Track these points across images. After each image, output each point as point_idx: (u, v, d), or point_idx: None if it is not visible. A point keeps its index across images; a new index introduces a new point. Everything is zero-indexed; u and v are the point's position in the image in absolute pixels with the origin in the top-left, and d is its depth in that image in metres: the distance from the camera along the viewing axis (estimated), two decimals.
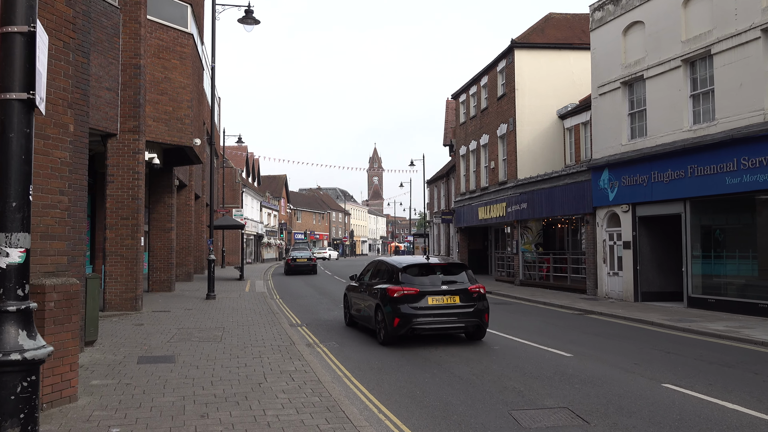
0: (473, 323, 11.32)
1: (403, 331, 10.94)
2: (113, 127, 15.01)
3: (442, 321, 11.10)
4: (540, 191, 23.46)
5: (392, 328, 10.94)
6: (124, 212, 15.30)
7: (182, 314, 14.74)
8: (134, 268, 15.26)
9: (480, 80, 30.56)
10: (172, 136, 16.79)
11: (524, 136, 25.74)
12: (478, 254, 33.73)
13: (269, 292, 23.16)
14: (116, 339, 10.85)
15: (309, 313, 16.45)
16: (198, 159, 19.88)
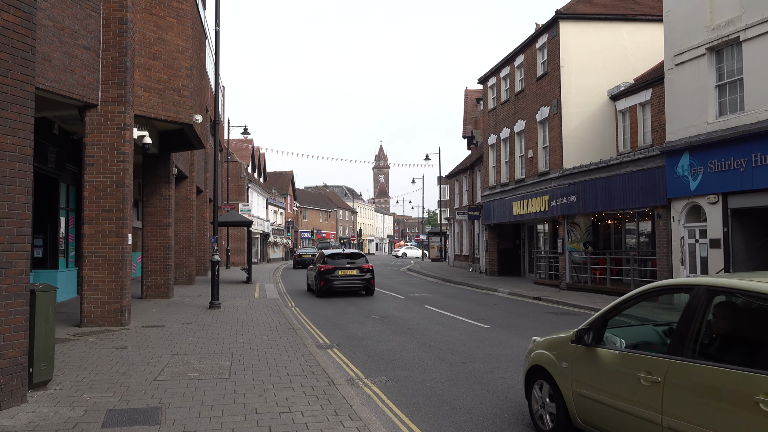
0: (364, 285, 20.92)
1: (325, 288, 20.54)
2: (93, 95, 11.97)
3: (347, 284, 20.65)
4: (593, 182, 20.32)
5: (320, 287, 20.65)
6: (107, 203, 12.24)
7: (179, 331, 11.66)
8: (119, 272, 12.20)
9: (514, 60, 27.42)
10: (167, 111, 13.72)
11: (570, 119, 22.60)
12: (508, 254, 30.60)
13: (282, 298, 20.09)
14: (83, 375, 7.77)
15: (335, 327, 13.37)
16: (200, 142, 16.82)
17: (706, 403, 4.07)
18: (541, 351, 5.98)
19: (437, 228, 59.79)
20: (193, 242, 24.75)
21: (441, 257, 53.99)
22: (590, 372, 5.25)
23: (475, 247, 35.46)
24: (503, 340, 11.26)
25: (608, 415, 4.98)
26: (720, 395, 3.98)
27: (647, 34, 22.96)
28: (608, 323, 5.39)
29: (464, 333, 12.21)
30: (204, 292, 19.93)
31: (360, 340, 11.58)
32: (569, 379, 5.46)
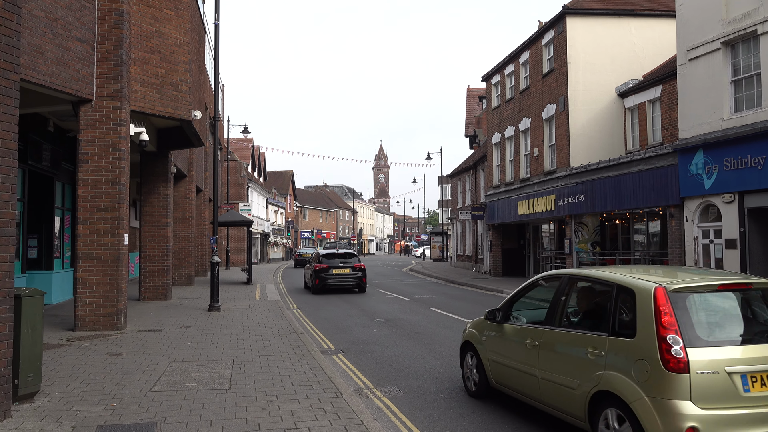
0: (357, 283, 22.13)
1: (320, 286, 21.82)
2: (87, 90, 11.49)
3: (341, 282, 22.00)
4: (602, 180, 19.84)
5: (315, 285, 21.92)
6: (102, 202, 11.76)
7: (177, 335, 11.18)
8: (115, 274, 11.72)
9: (519, 57, 26.93)
10: (165, 106, 13.23)
11: (578, 117, 22.12)
12: (512, 254, 30.10)
13: (284, 299, 19.60)
14: (74, 385, 7.29)
15: (340, 331, 12.88)
16: (199, 140, 16.33)
17: (561, 356, 5.73)
18: (470, 329, 7.59)
19: (438, 228, 59.30)
20: (192, 242, 24.28)
21: (443, 257, 53.52)
22: (499, 343, 6.85)
23: (479, 247, 34.98)
24: None
25: (510, 375, 6.58)
26: (569, 351, 5.63)
27: (656, 30, 22.48)
28: (513, 306, 6.88)
29: None
30: (203, 294, 19.44)
31: (366, 345, 11.10)
32: (486, 350, 7.08)
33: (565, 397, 5.56)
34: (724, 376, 4.57)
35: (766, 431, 4.52)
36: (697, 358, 4.59)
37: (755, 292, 5.24)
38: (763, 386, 4.59)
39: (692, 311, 4.88)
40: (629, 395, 4.79)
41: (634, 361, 4.85)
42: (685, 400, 4.52)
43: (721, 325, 5.01)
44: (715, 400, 4.54)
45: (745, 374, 4.60)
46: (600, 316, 5.50)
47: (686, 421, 4.47)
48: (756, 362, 4.64)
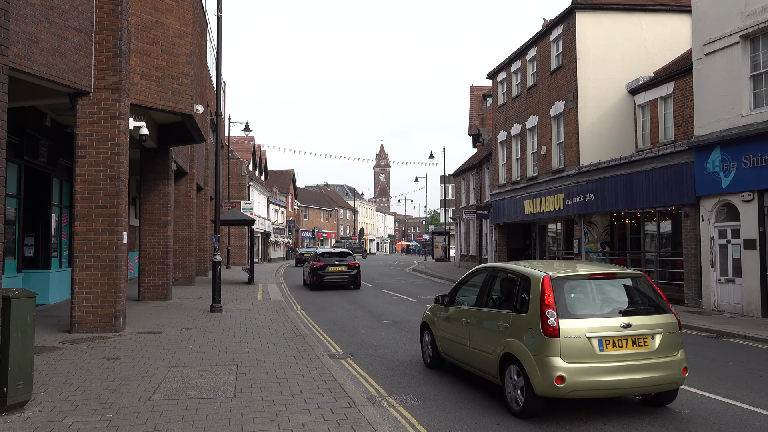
0: (352, 280, 23.38)
1: (318, 283, 22.88)
2: (84, 82, 11.02)
3: (337, 278, 23.16)
4: (613, 179, 19.37)
5: (312, 282, 23.08)
6: (100, 198, 11.29)
7: (178, 338, 10.71)
8: (114, 273, 11.25)
9: (526, 53, 26.46)
10: (165, 100, 12.75)
11: (587, 114, 21.65)
12: (518, 254, 29.61)
13: (286, 299, 19.13)
14: (68, 393, 6.82)
15: (346, 333, 12.42)
16: (201, 136, 15.86)
17: (484, 330, 7.33)
18: (427, 313, 9.31)
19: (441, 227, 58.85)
20: (193, 241, 23.82)
21: (445, 257, 53.03)
22: (445, 322, 8.49)
23: (483, 247, 34.51)
24: None
25: (452, 347, 8.22)
26: (489, 326, 7.22)
27: (667, 25, 22.02)
28: (458, 292, 8.56)
29: None
30: (204, 294, 18.98)
31: (375, 348, 10.63)
32: (437, 329, 8.74)
33: (486, 360, 7.18)
34: (585, 339, 6.20)
35: (613, 378, 6.16)
36: (566, 327, 6.21)
37: (618, 280, 6.92)
38: (613, 347, 6.27)
39: (567, 293, 6.49)
40: (521, 355, 6.44)
41: (526, 330, 6.49)
42: (557, 356, 6.15)
43: (587, 303, 6.62)
44: (578, 357, 6.17)
45: (601, 338, 6.24)
46: (509, 298, 7.13)
47: (556, 371, 6.10)
48: (609, 330, 6.29)
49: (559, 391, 6.09)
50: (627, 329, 6.28)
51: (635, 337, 6.31)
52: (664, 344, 6.38)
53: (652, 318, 6.49)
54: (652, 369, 6.27)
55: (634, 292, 6.85)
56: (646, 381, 6.25)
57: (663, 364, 6.32)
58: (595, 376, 6.12)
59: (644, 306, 6.71)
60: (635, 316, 6.46)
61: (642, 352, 6.29)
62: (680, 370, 6.40)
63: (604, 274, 6.83)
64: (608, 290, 6.79)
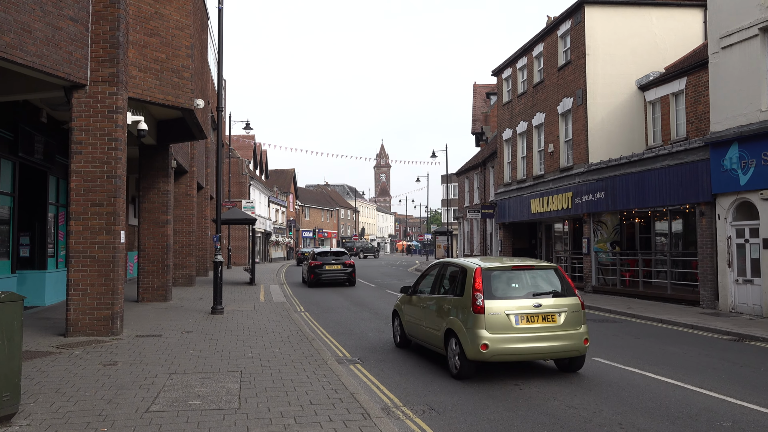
0: (347, 278, 24.74)
1: (315, 280, 24.43)
2: (80, 74, 10.55)
3: (333, 276, 24.54)
4: (624, 177, 18.88)
5: (310, 279, 24.62)
6: (97, 196, 10.81)
7: (178, 342, 10.23)
8: (111, 274, 10.77)
9: (532, 49, 25.97)
10: (165, 94, 12.27)
11: (596, 111, 21.16)
12: (523, 254, 29.10)
13: (289, 300, 18.65)
14: (60, 403, 6.34)
15: (353, 336, 11.93)
16: (201, 132, 15.38)
17: (434, 312, 9.01)
18: (397, 302, 10.91)
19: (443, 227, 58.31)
20: (193, 241, 23.35)
21: (447, 257, 52.50)
22: (409, 308, 10.12)
23: (488, 247, 34.03)
24: None
25: (414, 328, 9.86)
26: (438, 308, 8.92)
27: (678, 20, 21.54)
28: (420, 283, 10.09)
29: None
30: (205, 295, 18.50)
31: (385, 353, 10.15)
32: (403, 314, 10.36)
33: (435, 336, 8.86)
34: (504, 316, 7.82)
35: (526, 345, 7.76)
36: (490, 306, 7.87)
37: (534, 271, 8.56)
38: (527, 322, 7.88)
39: (492, 281, 8.14)
40: (458, 329, 8.08)
41: (462, 310, 8.13)
42: (483, 329, 7.79)
43: (508, 288, 8.23)
44: (499, 329, 7.80)
45: (517, 315, 7.85)
46: (452, 286, 8.80)
47: (482, 340, 7.73)
48: (523, 309, 7.93)
49: (484, 355, 7.75)
50: (538, 308, 7.95)
51: (544, 314, 7.96)
52: (569, 320, 8.03)
53: (559, 300, 8.13)
54: (558, 339, 7.90)
55: (546, 279, 8.51)
56: (553, 348, 7.91)
57: (567, 335, 7.95)
58: (511, 344, 7.79)
59: (553, 290, 8.28)
60: (545, 298, 8.11)
61: (550, 326, 7.94)
62: (582, 341, 8.05)
63: (524, 266, 8.55)
64: (526, 278, 8.46)
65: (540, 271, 8.58)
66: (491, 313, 7.80)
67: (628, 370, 8.57)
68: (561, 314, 7.98)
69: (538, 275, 8.52)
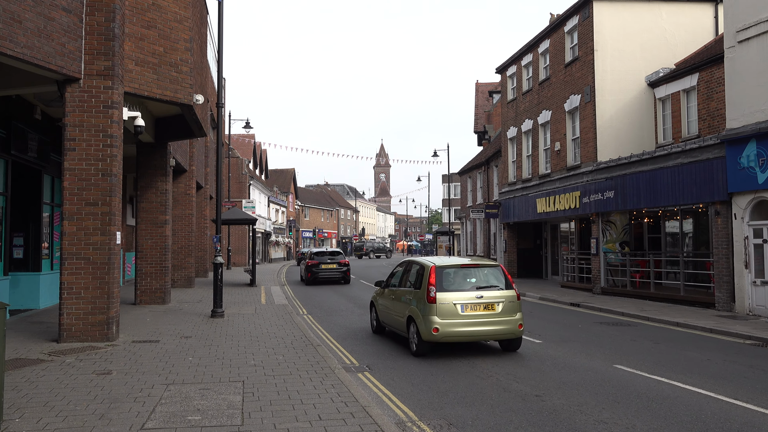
0: (342, 276, 26.45)
1: (312, 278, 26.10)
2: (74, 67, 10.06)
3: (328, 275, 26.21)
4: (635, 175, 18.39)
5: (307, 277, 26.24)
6: (91, 195, 10.32)
7: (176, 348, 9.74)
8: (106, 277, 10.28)
9: (538, 46, 25.49)
10: (163, 89, 11.78)
11: (605, 108, 20.68)
12: (528, 254, 28.66)
13: (291, 303, 18.16)
14: (48, 419, 5.84)
15: (360, 342, 11.44)
16: (201, 129, 14.88)
17: (400, 302, 10.68)
18: (373, 294, 12.72)
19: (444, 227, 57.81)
20: (192, 242, 22.85)
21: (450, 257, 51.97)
22: (382, 299, 11.89)
23: (491, 247, 33.54)
24: (569, 362, 9.32)
25: (386, 317, 11.60)
26: (402, 299, 10.59)
27: (689, 16, 21.07)
28: (392, 278, 11.81)
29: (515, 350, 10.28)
30: (204, 297, 18.01)
31: (394, 359, 9.66)
32: (378, 304, 12.15)
33: (400, 322, 10.54)
34: (452, 305, 9.40)
35: (469, 329, 9.41)
36: (440, 297, 9.44)
37: (480, 268, 10.14)
38: (471, 310, 9.49)
39: (444, 276, 9.69)
40: (416, 316, 9.68)
41: (419, 300, 9.74)
42: (435, 316, 9.38)
43: (456, 282, 9.78)
44: (448, 316, 9.38)
45: (462, 304, 9.44)
46: (414, 280, 10.38)
47: (434, 325, 9.32)
48: (468, 299, 9.54)
49: (436, 337, 9.41)
50: (480, 299, 9.63)
51: (485, 304, 9.62)
52: (506, 309, 9.68)
53: (499, 292, 9.80)
54: (497, 324, 9.57)
55: (489, 275, 10.11)
56: (493, 332, 9.60)
57: (505, 321, 9.61)
58: (457, 328, 9.46)
59: (494, 285, 9.92)
60: (486, 291, 9.75)
61: (490, 313, 9.59)
62: (517, 326, 9.70)
63: (472, 264, 10.24)
64: (472, 274, 10.08)
65: (485, 268, 10.22)
66: (441, 302, 9.47)
67: (654, 379, 8.08)
68: (500, 304, 9.65)
69: (484, 272, 10.15)
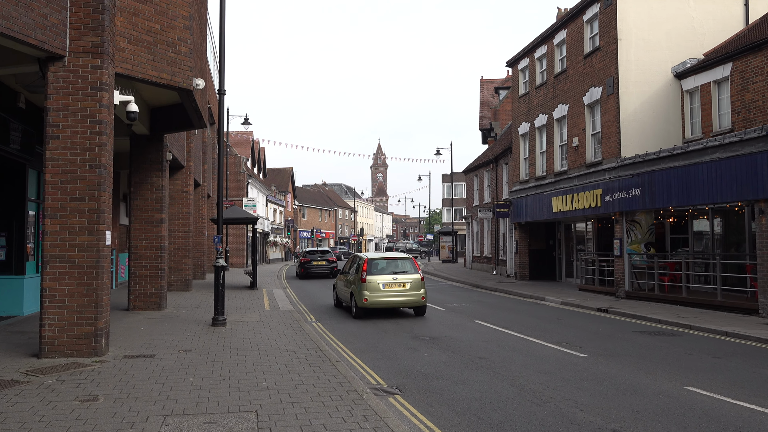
0: (330, 271, 30.91)
1: (304, 273, 31.25)
2: (57, 42, 8.79)
3: (319, 271, 31.15)
4: (665, 172, 17.18)
5: (300, 273, 31.55)
6: (77, 189, 9.05)
7: (174, 365, 8.46)
8: (94, 283, 9.01)
9: (553, 37, 24.27)
10: (159, 71, 10.49)
11: (630, 101, 19.47)
12: (540, 255, 27.41)
13: (296, 308, 16.88)
14: None
15: (381, 355, 10.17)
16: (201, 118, 13.58)
17: (348, 283, 15.87)
18: (335, 280, 18.18)
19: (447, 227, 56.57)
20: (190, 242, 21.57)
21: (452, 258, 50.79)
22: (339, 282, 17.04)
23: (500, 248, 32.31)
24: (631, 382, 8.07)
25: (341, 294, 16.74)
26: (349, 281, 15.80)
27: (717, 3, 19.91)
28: (345, 267, 17.08)
29: (561, 367, 9.04)
30: (204, 302, 16.73)
31: (426, 379, 8.39)
32: (337, 287, 17.30)
33: (347, 296, 15.53)
34: (377, 284, 14.51)
35: (388, 299, 14.52)
36: (369, 279, 14.57)
37: (398, 260, 15.32)
38: (389, 287, 14.55)
39: (372, 265, 14.85)
40: (355, 292, 14.84)
41: (356, 282, 14.83)
42: (365, 291, 14.50)
43: (380, 269, 14.84)
44: (373, 291, 14.51)
45: (383, 284, 14.52)
46: (356, 268, 15.16)
47: (364, 296, 14.44)
48: (387, 280, 14.63)
49: (366, 305, 14.32)
50: (395, 280, 14.48)
51: (399, 283, 14.48)
52: (413, 287, 14.59)
53: (409, 276, 14.68)
54: (407, 296, 14.54)
55: (403, 265, 15.08)
56: (404, 301, 14.59)
57: (412, 294, 14.56)
58: (380, 299, 14.39)
59: (406, 271, 14.82)
60: (400, 275, 14.64)
61: (402, 290, 14.49)
62: (420, 298, 14.62)
63: (392, 258, 15.42)
64: (392, 264, 15.02)
65: (401, 260, 15.43)
66: (369, 282, 14.47)
67: (745, 407, 6.84)
68: (408, 283, 14.63)
69: (400, 263, 15.25)
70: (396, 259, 15.37)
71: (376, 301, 14.36)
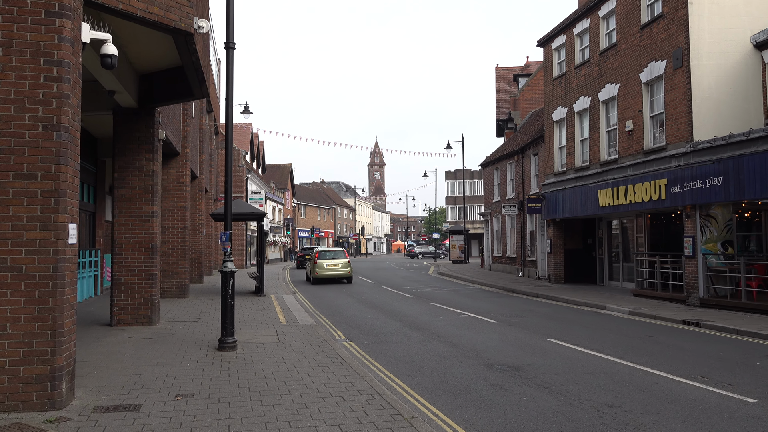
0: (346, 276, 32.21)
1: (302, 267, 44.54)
2: None
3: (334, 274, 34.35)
4: (754, 157, 14.35)
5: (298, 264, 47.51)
6: (24, 161, 6.13)
7: (168, 426, 5.53)
8: (50, 300, 6.09)
9: (599, 8, 21.42)
10: (148, 2, 7.58)
11: (703, 75, 16.63)
12: (576, 256, 24.54)
13: (317, 320, 13.95)
14: None
15: (464, 400, 7.24)
16: (202, 81, 10.62)
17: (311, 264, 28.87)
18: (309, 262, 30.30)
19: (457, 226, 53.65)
20: (187, 241, 18.64)
21: (464, 258, 47.89)
22: (309, 264, 29.66)
23: (526, 248, 29.44)
24: None
25: (309, 271, 29.21)
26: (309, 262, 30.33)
27: None
28: (312, 256, 29.62)
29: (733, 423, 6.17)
30: (204, 313, 13.82)
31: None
32: (307, 268, 30.81)
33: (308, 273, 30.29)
34: (323, 264, 27.42)
35: (330, 273, 27.10)
36: (318, 262, 27.42)
37: (335, 251, 28.89)
38: (330, 267, 27.27)
39: (321, 254, 28.02)
40: (310, 268, 28.51)
41: (312, 262, 28.10)
42: (316, 268, 27.28)
43: (326, 256, 27.91)
44: (321, 269, 27.21)
45: (327, 264, 27.67)
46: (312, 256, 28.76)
47: (315, 271, 27.27)
48: (329, 262, 27.50)
49: (316, 277, 27.07)
50: (335, 263, 27.26)
51: (336, 265, 27.24)
52: (344, 266, 27.32)
53: (341, 260, 27.52)
54: (341, 271, 27.22)
55: (339, 254, 28.13)
56: (339, 275, 27.19)
57: (345, 270, 27.26)
58: (324, 273, 27.02)
59: (340, 257, 27.71)
60: (336, 259, 27.49)
61: (338, 268, 27.22)
62: (349, 272, 27.38)
63: (332, 250, 28.81)
64: (334, 254, 28.16)
65: (338, 251, 28.48)
66: (318, 263, 26.90)
67: None
68: (341, 264, 27.12)
69: (337, 252, 28.24)
70: (335, 250, 28.54)
71: (323, 274, 26.79)
